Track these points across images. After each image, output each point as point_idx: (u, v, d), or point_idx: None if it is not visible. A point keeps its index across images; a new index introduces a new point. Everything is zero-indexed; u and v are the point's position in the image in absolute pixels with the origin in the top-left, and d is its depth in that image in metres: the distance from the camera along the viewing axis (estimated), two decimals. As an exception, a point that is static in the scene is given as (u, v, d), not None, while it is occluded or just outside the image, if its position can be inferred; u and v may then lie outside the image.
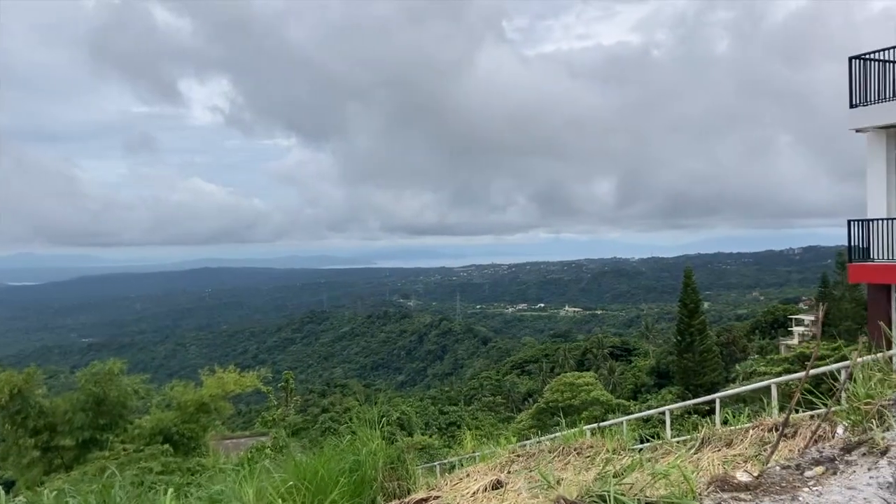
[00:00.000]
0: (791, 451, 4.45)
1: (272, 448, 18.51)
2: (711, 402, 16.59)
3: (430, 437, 50.06)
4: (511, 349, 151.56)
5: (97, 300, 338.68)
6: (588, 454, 6.74)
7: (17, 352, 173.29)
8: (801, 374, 6.48)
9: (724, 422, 7.00)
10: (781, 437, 3.95)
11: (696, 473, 4.59)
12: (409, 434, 51.74)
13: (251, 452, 17.70)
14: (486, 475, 7.03)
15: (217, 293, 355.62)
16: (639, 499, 2.83)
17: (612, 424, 11.48)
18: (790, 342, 76.58)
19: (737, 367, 60.90)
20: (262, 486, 6.57)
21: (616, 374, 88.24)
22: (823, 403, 4.11)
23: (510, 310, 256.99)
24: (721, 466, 4.70)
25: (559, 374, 67.94)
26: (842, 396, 3.74)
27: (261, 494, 6.47)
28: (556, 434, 8.70)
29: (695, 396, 53.97)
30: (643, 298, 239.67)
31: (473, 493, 6.45)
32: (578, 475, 5.60)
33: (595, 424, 10.34)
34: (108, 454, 20.48)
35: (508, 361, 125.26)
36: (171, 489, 7.33)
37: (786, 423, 3.94)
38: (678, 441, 6.84)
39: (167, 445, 20.99)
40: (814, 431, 3.80)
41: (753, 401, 20.75)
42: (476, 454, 9.43)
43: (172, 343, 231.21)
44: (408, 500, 5.89)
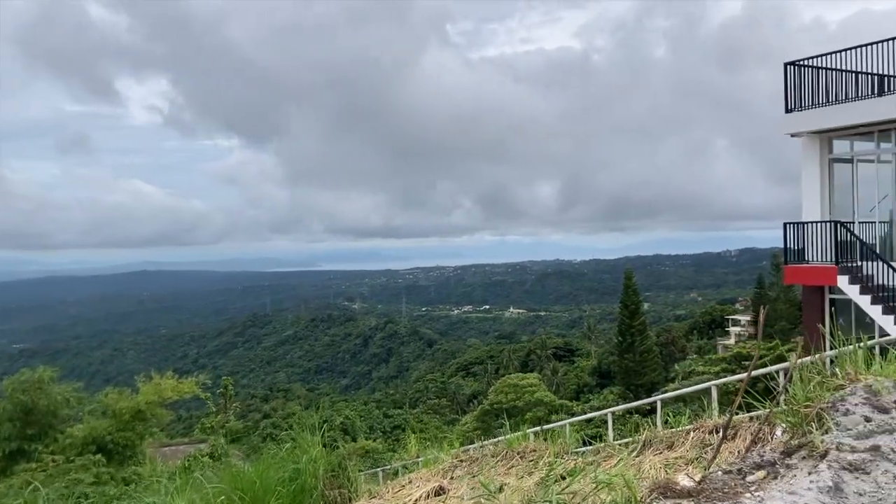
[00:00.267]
0: (732, 454, 4.45)
1: (210, 456, 18.06)
2: (653, 402, 16.84)
3: (375, 442, 49.82)
4: (456, 351, 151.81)
5: (30, 304, 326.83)
6: (531, 458, 6.69)
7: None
8: (743, 376, 6.51)
9: (665, 422, 7.05)
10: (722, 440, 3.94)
11: (639, 477, 4.57)
12: (353, 439, 51.35)
13: (188, 461, 17.23)
14: (429, 481, 6.93)
15: (156, 296, 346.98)
16: (581, 508, 2.76)
17: (556, 427, 11.50)
18: (727, 342, 78.56)
19: (676, 367, 62.19)
20: (195, 499, 6.35)
21: (559, 375, 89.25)
22: (762, 404, 4.12)
23: (455, 312, 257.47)
24: (663, 470, 4.69)
25: (504, 376, 68.39)
26: (780, 398, 3.75)
27: (193, 507, 6.25)
28: (500, 438, 8.65)
29: (636, 396, 54.99)
30: (585, 299, 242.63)
31: (416, 501, 6.35)
32: (521, 481, 5.54)
33: (539, 427, 10.32)
34: (36, 466, 19.68)
35: (454, 363, 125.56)
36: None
37: (727, 426, 3.93)
38: (620, 444, 6.85)
39: (100, 455, 20.26)
40: (754, 434, 3.80)
41: (693, 401, 21.12)
42: (419, 459, 9.33)
43: (109, 348, 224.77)
44: (348, 510, 5.75)
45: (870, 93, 18.80)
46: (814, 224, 19.67)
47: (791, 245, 20.12)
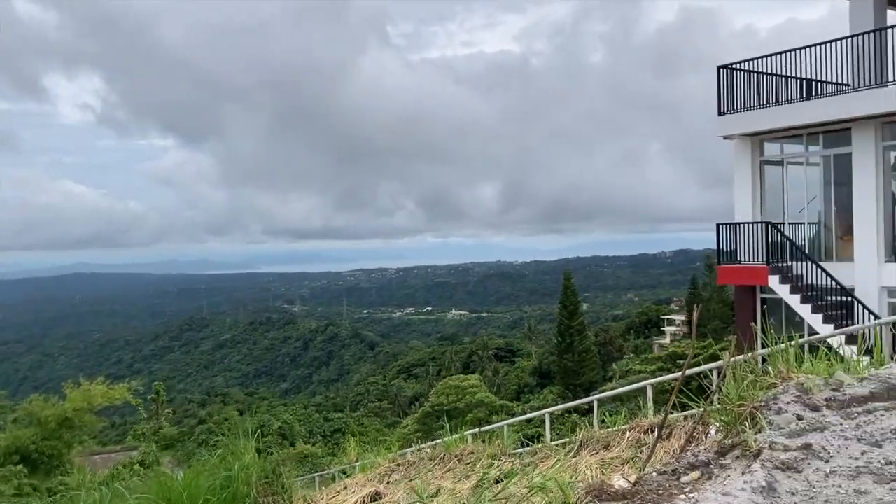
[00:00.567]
0: (667, 453, 4.45)
1: (141, 464, 17.49)
2: (591, 402, 17.00)
3: (314, 446, 49.16)
4: (398, 353, 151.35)
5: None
6: (469, 461, 6.63)
7: None
8: (678, 375, 6.52)
9: (602, 422, 7.06)
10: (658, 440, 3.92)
11: (575, 478, 4.52)
12: (292, 444, 50.65)
13: (117, 469, 16.65)
14: (365, 487, 6.80)
15: (89, 300, 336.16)
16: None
17: (495, 428, 11.47)
18: (663, 341, 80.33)
19: (613, 367, 63.29)
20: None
21: (500, 376, 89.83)
22: (696, 403, 4.12)
23: (398, 314, 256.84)
24: (599, 471, 4.66)
25: (446, 378, 68.41)
26: (714, 397, 3.75)
27: (116, 519, 5.98)
28: (439, 441, 8.56)
29: (574, 395, 55.70)
30: (526, 300, 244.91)
31: (350, 507, 6.21)
32: (458, 484, 5.46)
33: (478, 429, 10.27)
34: (-45, 478, 18.76)
35: (395, 366, 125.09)
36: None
37: (662, 426, 3.92)
38: (558, 444, 6.83)
39: (21, 466, 19.42)
40: (689, 433, 3.79)
41: (630, 400, 21.42)
42: (357, 463, 9.18)
43: (39, 353, 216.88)
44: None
45: (799, 96, 19.37)
46: (745, 225, 20.16)
47: (724, 246, 20.57)
